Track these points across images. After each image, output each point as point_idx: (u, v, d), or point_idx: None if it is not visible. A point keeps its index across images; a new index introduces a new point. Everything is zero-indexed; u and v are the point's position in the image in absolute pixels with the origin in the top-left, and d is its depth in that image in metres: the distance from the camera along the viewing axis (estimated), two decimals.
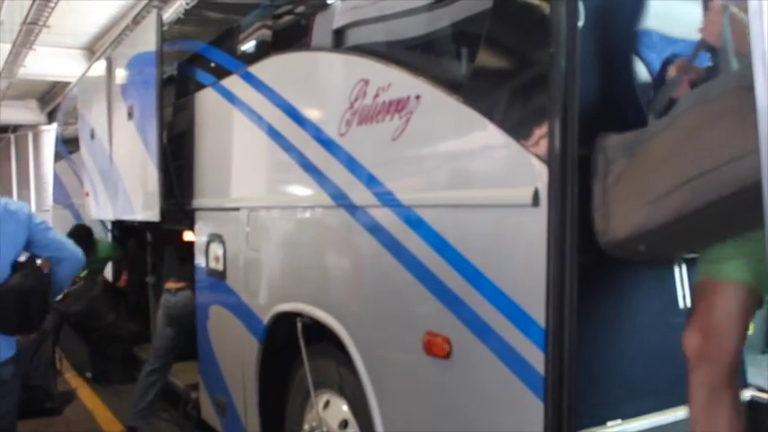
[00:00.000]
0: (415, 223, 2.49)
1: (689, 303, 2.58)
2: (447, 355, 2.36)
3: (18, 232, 3.13)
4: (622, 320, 2.50)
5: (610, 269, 2.37)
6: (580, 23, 2.04)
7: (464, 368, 2.33)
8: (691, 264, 2.58)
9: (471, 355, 2.28)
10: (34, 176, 23.73)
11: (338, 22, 3.11)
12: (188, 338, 4.73)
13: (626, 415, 2.42)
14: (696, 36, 2.20)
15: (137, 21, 5.93)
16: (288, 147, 3.31)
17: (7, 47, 13.53)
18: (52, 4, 11.16)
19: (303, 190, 3.25)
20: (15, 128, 24.19)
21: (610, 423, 2.38)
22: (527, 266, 2.09)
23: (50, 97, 20.51)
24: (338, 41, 3.11)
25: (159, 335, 5.03)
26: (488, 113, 2.21)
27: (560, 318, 2.00)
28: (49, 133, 19.13)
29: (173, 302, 4.88)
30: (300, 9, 3.64)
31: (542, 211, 2.00)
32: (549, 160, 1.99)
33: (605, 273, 2.38)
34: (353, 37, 3.11)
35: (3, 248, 3.05)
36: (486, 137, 2.22)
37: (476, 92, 2.28)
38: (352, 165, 2.83)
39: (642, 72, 2.50)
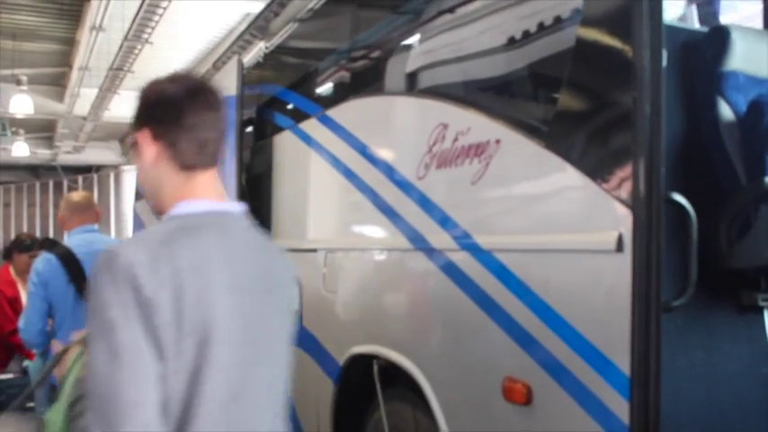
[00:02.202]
0: (495, 267, 2.47)
1: None
2: (527, 402, 2.31)
3: None
4: (709, 368, 2.42)
5: (696, 315, 2.31)
6: (663, 65, 2.01)
7: (545, 415, 2.28)
8: None
9: (552, 402, 2.24)
10: (114, 214, 24.50)
11: (414, 65, 3.14)
12: None
13: None
14: None
15: (216, 66, 6.10)
16: (365, 189, 3.34)
17: (94, 92, 14.09)
18: (136, 51, 11.60)
19: (380, 232, 3.27)
20: (98, 168, 25.09)
21: None
22: (610, 312, 2.05)
23: None
24: (415, 84, 3.15)
25: None
26: (570, 157, 2.19)
27: (645, 366, 1.94)
28: (130, 173, 19.79)
29: None
30: (377, 53, 3.70)
31: (627, 257, 1.97)
32: (633, 205, 1.96)
33: (692, 319, 2.31)
34: (431, 80, 3.14)
35: None
36: (568, 181, 2.21)
37: (557, 135, 2.27)
38: (430, 208, 2.83)
39: (728, 114, 2.45)
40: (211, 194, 1.62)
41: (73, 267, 3.60)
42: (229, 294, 1.48)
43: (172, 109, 1.59)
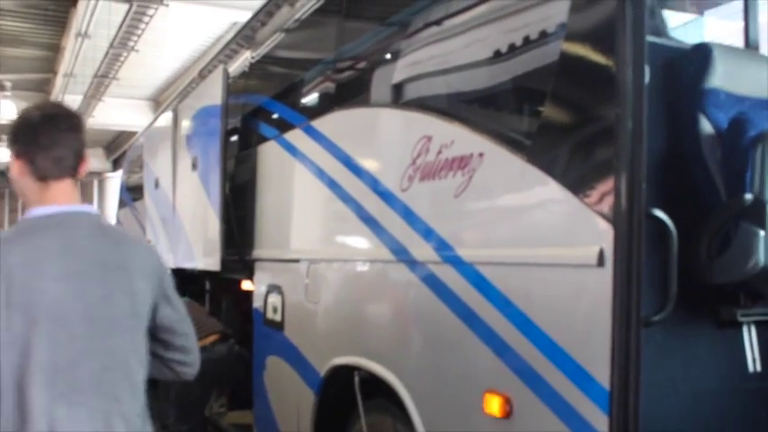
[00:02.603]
0: (477, 280, 2.47)
1: (758, 368, 2.50)
2: (507, 416, 2.32)
3: None
4: (689, 383, 2.43)
5: (676, 330, 2.32)
6: (646, 81, 2.03)
7: (524, 429, 2.28)
8: (761, 326, 2.51)
9: (532, 415, 2.24)
10: None
11: (399, 78, 3.15)
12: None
13: None
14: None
15: (203, 74, 6.10)
16: (349, 201, 3.35)
17: (78, 98, 14.03)
18: (122, 59, 11.58)
19: (364, 244, 3.27)
20: None
21: None
22: (591, 327, 2.05)
23: (116, 146, 21.14)
24: (400, 96, 3.15)
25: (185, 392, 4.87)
26: (552, 172, 2.20)
27: (625, 380, 1.95)
28: (114, 180, 19.70)
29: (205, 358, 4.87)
30: (363, 64, 3.71)
31: (607, 272, 1.97)
32: (614, 219, 1.97)
33: (672, 333, 2.32)
34: (415, 92, 3.15)
35: None
36: (550, 195, 2.21)
37: (540, 150, 2.28)
38: (413, 220, 2.84)
39: (709, 130, 2.47)
40: (63, 200, 1.96)
41: None
42: (63, 281, 1.85)
43: (30, 131, 1.95)
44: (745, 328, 2.54)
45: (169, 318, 2.10)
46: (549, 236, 2.24)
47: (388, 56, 3.45)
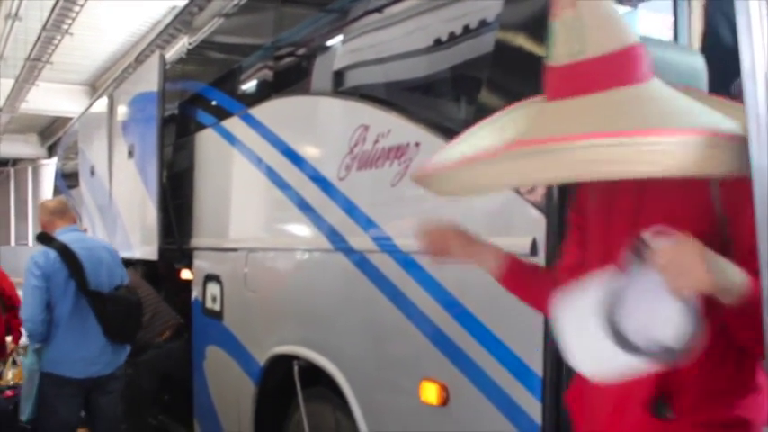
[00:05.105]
0: (414, 269, 2.49)
1: None
2: (444, 403, 2.34)
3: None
4: None
5: None
6: None
7: (460, 416, 2.31)
8: None
9: (468, 403, 2.27)
10: (32, 210, 23.75)
11: (337, 66, 3.14)
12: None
13: None
14: None
15: (139, 60, 5.97)
16: (287, 189, 3.33)
17: (10, 82, 13.65)
18: (56, 42, 11.28)
19: (302, 233, 3.26)
20: (15, 161, 24.29)
21: None
22: (524, 316, 2.08)
23: (51, 132, 20.65)
24: (338, 85, 3.14)
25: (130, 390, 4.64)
26: None
27: (557, 367, 1.99)
28: (49, 167, 19.25)
29: (155, 354, 4.84)
30: (301, 51, 3.69)
31: (540, 260, 2.01)
32: (547, 210, 2.00)
33: None
34: (353, 81, 3.14)
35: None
36: None
37: None
38: (351, 209, 2.84)
39: None
40: None
41: (71, 262, 3.66)
42: None
43: None
44: None
45: None
46: (485, 226, 2.25)
47: (327, 43, 3.43)
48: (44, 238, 3.76)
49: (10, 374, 5.47)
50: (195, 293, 4.43)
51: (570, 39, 1.26)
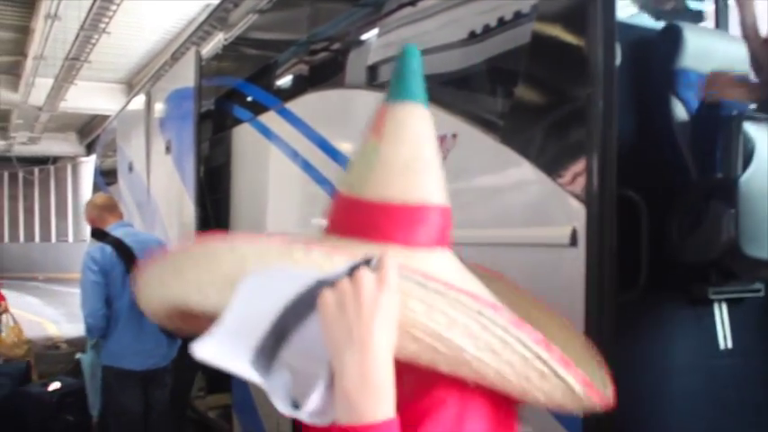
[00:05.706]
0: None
1: (730, 345, 2.53)
2: None
3: None
4: (661, 360, 2.46)
5: (648, 308, 2.34)
6: (617, 62, 2.04)
7: None
8: (732, 303, 2.54)
9: None
10: (72, 207, 24.13)
11: (373, 59, 3.14)
12: None
13: None
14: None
15: (175, 57, 6.04)
16: (323, 182, 3.34)
17: (50, 81, 13.86)
18: (93, 41, 11.43)
19: None
20: (55, 159, 24.67)
21: None
22: (564, 305, 2.07)
23: (89, 129, 20.93)
24: (374, 78, 3.14)
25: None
26: (525, 152, 2.21)
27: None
28: (88, 165, 19.52)
29: None
30: (337, 45, 3.69)
31: (580, 251, 1.99)
32: (587, 200, 1.98)
33: (643, 312, 2.35)
34: (388, 74, 3.14)
35: None
36: (524, 176, 2.22)
37: (513, 130, 2.29)
38: None
39: (680, 111, 2.49)
40: None
41: (127, 257, 3.70)
42: None
43: None
44: (716, 306, 2.57)
45: None
46: (523, 216, 2.25)
47: (363, 37, 3.43)
48: (98, 234, 3.80)
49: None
50: None
51: (359, 169, 1.00)
